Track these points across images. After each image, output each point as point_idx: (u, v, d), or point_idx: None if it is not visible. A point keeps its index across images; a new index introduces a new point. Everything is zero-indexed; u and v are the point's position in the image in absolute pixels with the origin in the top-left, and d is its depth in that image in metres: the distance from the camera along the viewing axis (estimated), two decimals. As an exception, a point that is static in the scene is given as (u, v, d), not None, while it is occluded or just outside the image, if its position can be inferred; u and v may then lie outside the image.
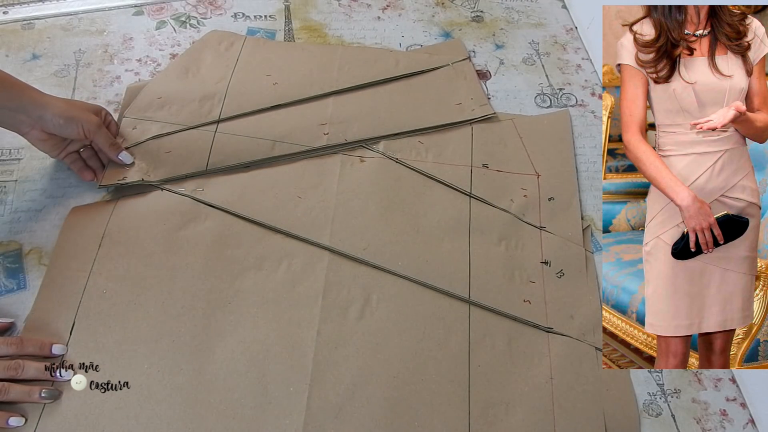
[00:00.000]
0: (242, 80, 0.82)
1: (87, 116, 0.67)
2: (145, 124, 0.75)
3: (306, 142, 0.76)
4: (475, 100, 0.84)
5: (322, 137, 0.77)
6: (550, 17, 1.01)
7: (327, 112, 0.80)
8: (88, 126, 0.66)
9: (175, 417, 0.56)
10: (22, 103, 0.62)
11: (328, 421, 0.57)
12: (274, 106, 0.79)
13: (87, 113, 0.67)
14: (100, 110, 0.71)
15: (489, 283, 0.68)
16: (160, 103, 0.78)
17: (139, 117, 0.76)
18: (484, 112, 0.83)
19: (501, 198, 0.75)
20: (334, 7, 0.97)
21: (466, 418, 0.59)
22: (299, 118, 0.79)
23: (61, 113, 0.64)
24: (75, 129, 0.65)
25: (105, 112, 0.72)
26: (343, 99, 0.82)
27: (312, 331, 0.62)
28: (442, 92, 0.85)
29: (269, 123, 0.78)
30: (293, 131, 0.77)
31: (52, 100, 0.65)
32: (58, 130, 0.65)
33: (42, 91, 0.65)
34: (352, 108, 0.81)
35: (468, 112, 0.82)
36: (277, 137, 0.76)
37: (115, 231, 0.67)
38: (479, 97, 0.85)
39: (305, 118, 0.79)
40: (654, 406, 0.63)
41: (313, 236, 0.69)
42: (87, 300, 0.62)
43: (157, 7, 0.93)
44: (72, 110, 0.65)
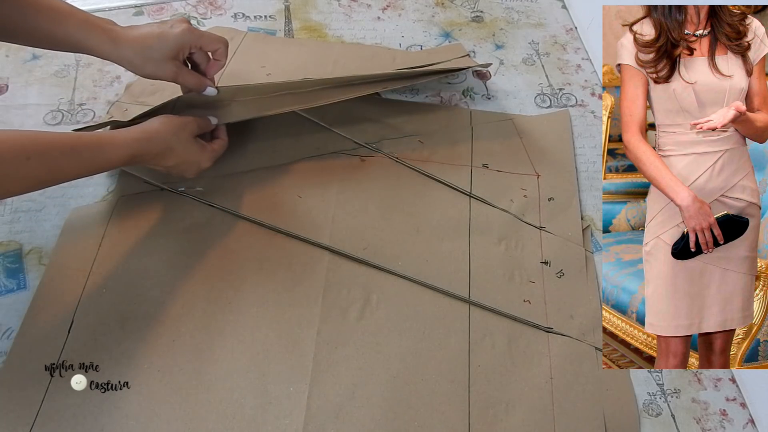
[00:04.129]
0: (236, 70, 0.82)
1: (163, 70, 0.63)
2: (136, 108, 0.75)
3: (293, 97, 0.73)
4: (462, 61, 0.85)
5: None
6: (550, 17, 1.01)
7: (320, 99, 0.76)
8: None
9: (175, 417, 0.56)
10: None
11: (328, 421, 0.57)
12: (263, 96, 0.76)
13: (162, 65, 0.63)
14: (182, 47, 0.63)
15: (489, 283, 0.68)
16: (152, 90, 0.78)
17: (132, 102, 0.76)
18: (467, 63, 0.83)
19: (501, 198, 0.75)
20: (334, 7, 0.97)
21: (466, 418, 0.59)
22: (292, 100, 0.76)
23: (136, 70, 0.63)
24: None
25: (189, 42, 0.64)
26: (335, 88, 0.80)
27: (312, 331, 0.62)
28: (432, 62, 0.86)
29: (261, 104, 0.77)
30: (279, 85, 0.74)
31: (124, 54, 0.61)
32: None
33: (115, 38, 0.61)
34: (343, 92, 0.77)
35: (462, 64, 0.83)
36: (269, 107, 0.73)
37: (115, 231, 0.67)
38: (467, 63, 0.86)
39: (293, 102, 0.77)
40: (654, 406, 0.63)
41: (313, 236, 0.69)
42: (86, 299, 0.62)
43: (157, 7, 0.93)
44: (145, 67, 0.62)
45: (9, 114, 0.77)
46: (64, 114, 0.78)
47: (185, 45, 0.63)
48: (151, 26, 0.63)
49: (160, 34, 0.62)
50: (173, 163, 0.63)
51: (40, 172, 0.52)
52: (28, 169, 0.51)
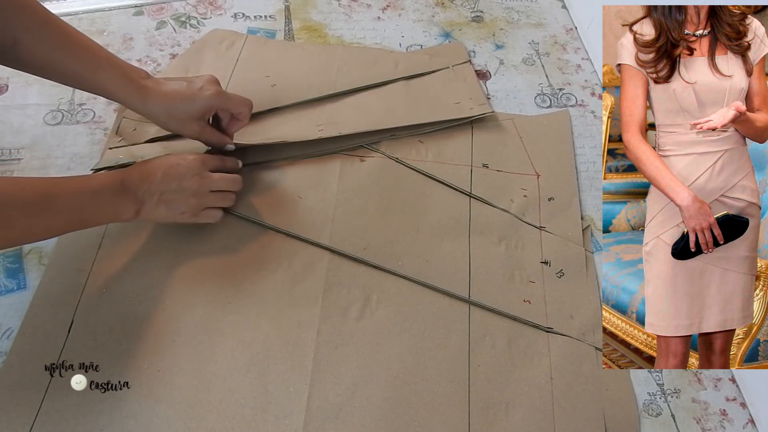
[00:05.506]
0: (241, 81, 0.82)
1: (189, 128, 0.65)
2: (145, 126, 0.75)
3: (303, 145, 0.75)
4: (474, 99, 0.84)
5: (317, 134, 0.76)
6: (550, 17, 1.01)
7: (324, 114, 0.80)
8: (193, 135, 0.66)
9: (175, 417, 0.56)
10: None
11: (328, 421, 0.57)
12: (271, 109, 0.79)
13: (189, 124, 0.65)
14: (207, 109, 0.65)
15: (489, 283, 0.68)
16: None
17: (139, 119, 0.76)
18: (482, 111, 0.82)
19: (501, 198, 0.75)
20: (334, 7, 0.97)
21: (466, 418, 0.59)
22: (295, 120, 0.79)
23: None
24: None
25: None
26: (340, 101, 0.82)
27: (312, 331, 0.62)
28: (440, 92, 0.85)
29: (266, 125, 0.78)
30: (289, 133, 0.77)
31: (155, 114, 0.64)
32: None
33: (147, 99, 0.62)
34: (348, 109, 0.81)
35: (467, 111, 0.82)
36: (273, 138, 0.75)
37: (115, 231, 0.67)
38: (478, 97, 0.85)
39: (301, 120, 0.79)
40: (654, 406, 0.63)
41: (313, 236, 0.68)
42: (86, 299, 0.62)
43: (157, 7, 0.93)
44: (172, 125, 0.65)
45: (9, 114, 0.77)
46: (64, 114, 0.78)
47: (212, 108, 0.65)
48: (181, 84, 0.64)
49: (189, 96, 0.63)
50: None
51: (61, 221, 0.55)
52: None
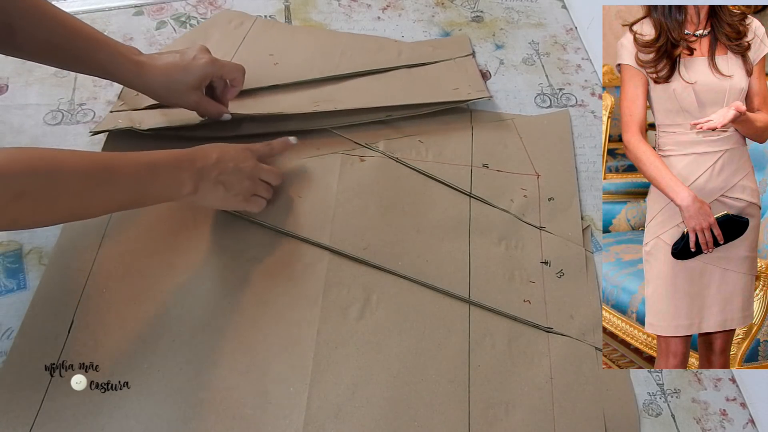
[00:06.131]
0: (245, 58, 0.81)
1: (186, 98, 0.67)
2: (136, 114, 0.75)
3: (299, 118, 0.76)
4: (473, 86, 0.85)
5: (312, 108, 0.76)
6: (550, 17, 1.01)
7: (323, 93, 0.80)
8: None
9: (175, 417, 0.56)
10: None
11: (328, 421, 0.57)
12: (272, 87, 0.79)
13: (186, 94, 0.66)
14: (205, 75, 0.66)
15: (489, 283, 0.68)
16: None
17: (129, 109, 0.76)
18: (479, 95, 0.83)
19: (501, 198, 0.75)
20: (334, 7, 0.97)
21: (466, 418, 0.59)
22: (295, 98, 0.79)
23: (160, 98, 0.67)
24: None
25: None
26: (341, 83, 0.82)
27: (312, 331, 0.62)
28: (440, 79, 0.85)
29: (265, 100, 0.78)
30: (286, 107, 0.77)
31: (150, 85, 0.65)
32: None
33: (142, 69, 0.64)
34: (347, 90, 0.81)
35: (464, 96, 0.82)
36: (269, 110, 0.76)
37: (115, 231, 0.67)
38: (477, 84, 0.85)
39: (300, 97, 0.79)
40: (654, 406, 0.63)
41: (313, 236, 0.68)
42: (86, 299, 0.62)
43: (157, 7, 0.93)
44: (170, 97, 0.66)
45: (9, 114, 0.77)
46: (64, 114, 0.78)
47: (207, 76, 0.66)
48: (174, 56, 0.65)
49: (184, 66, 0.65)
50: None
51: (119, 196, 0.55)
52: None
